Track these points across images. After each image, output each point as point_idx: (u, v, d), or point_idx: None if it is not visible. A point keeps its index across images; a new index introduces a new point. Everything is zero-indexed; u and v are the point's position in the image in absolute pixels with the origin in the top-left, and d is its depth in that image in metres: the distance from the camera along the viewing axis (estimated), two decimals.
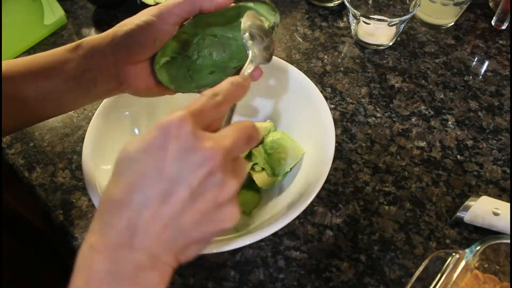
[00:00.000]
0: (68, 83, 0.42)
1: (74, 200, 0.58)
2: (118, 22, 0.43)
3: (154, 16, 0.41)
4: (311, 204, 0.46)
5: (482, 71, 0.70)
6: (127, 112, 0.57)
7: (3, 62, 0.42)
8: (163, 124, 0.28)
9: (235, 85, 0.33)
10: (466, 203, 0.52)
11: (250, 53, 0.41)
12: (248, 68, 0.40)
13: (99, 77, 0.42)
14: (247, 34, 0.42)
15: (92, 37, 0.42)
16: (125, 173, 0.29)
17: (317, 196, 0.46)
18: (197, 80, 0.47)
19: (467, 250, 0.46)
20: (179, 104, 0.62)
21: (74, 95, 0.44)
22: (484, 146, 0.61)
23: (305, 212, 0.48)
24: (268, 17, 0.45)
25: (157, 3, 0.80)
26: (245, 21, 0.43)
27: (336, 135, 0.61)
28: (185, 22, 0.44)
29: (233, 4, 0.43)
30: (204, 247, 0.31)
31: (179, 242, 0.29)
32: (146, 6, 0.78)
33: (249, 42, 0.42)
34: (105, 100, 0.55)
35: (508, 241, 0.45)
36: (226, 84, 0.33)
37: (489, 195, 0.54)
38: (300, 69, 0.57)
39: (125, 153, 0.29)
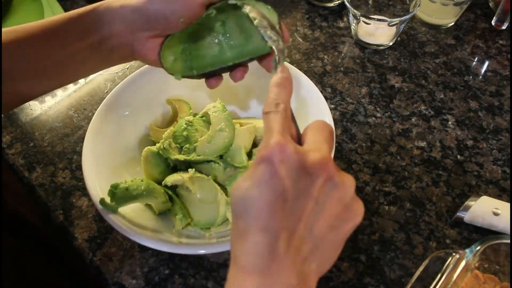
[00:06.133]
0: (86, 52, 0.41)
1: (74, 200, 0.58)
2: None
3: None
4: None
5: (482, 71, 0.70)
6: (127, 112, 0.57)
7: (20, 26, 0.40)
8: (264, 156, 0.29)
9: (282, 85, 0.34)
10: (466, 203, 0.52)
11: (274, 45, 0.38)
12: (278, 60, 0.37)
13: (116, 45, 0.42)
14: (265, 24, 0.39)
15: (109, 1, 0.41)
16: (250, 210, 0.29)
17: None
18: (199, 67, 0.46)
19: (467, 250, 0.46)
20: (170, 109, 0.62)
21: (90, 64, 0.43)
22: (484, 146, 0.61)
23: None
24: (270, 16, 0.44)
25: None
26: (255, 14, 0.41)
27: (336, 135, 0.61)
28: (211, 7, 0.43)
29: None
30: (340, 250, 0.32)
31: (319, 252, 0.30)
32: None
33: (268, 32, 0.39)
34: (105, 100, 0.55)
35: (508, 241, 0.45)
36: (275, 89, 0.34)
37: (489, 195, 0.54)
38: (300, 69, 0.57)
39: (240, 192, 0.29)
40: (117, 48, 0.42)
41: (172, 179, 0.52)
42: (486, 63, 0.71)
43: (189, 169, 0.52)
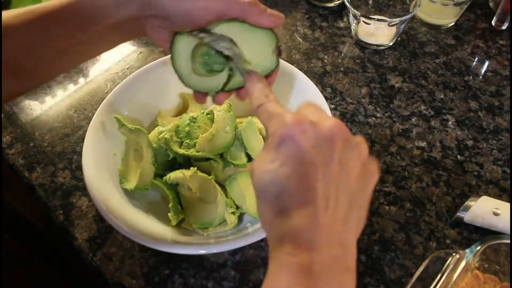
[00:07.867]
0: (103, 35, 0.41)
1: (74, 200, 0.58)
2: None
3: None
4: None
5: (482, 71, 0.70)
6: (126, 112, 0.57)
7: (36, 7, 0.39)
8: (284, 134, 0.31)
9: (262, 81, 0.37)
10: (466, 203, 0.52)
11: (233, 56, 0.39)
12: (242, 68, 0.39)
13: (128, 31, 0.42)
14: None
15: None
16: (286, 189, 0.30)
17: None
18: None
19: (467, 250, 0.46)
20: (175, 105, 0.62)
21: (102, 47, 0.43)
22: (484, 146, 0.61)
23: None
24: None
25: None
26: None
27: None
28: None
29: None
30: (367, 210, 0.33)
31: (353, 210, 0.31)
32: None
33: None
34: (105, 100, 0.55)
35: (508, 241, 0.45)
36: (258, 84, 0.37)
37: (489, 195, 0.54)
38: (300, 69, 0.57)
39: (270, 175, 0.30)
40: (128, 34, 0.42)
41: (174, 176, 0.52)
42: (486, 63, 0.71)
43: (191, 168, 0.52)
